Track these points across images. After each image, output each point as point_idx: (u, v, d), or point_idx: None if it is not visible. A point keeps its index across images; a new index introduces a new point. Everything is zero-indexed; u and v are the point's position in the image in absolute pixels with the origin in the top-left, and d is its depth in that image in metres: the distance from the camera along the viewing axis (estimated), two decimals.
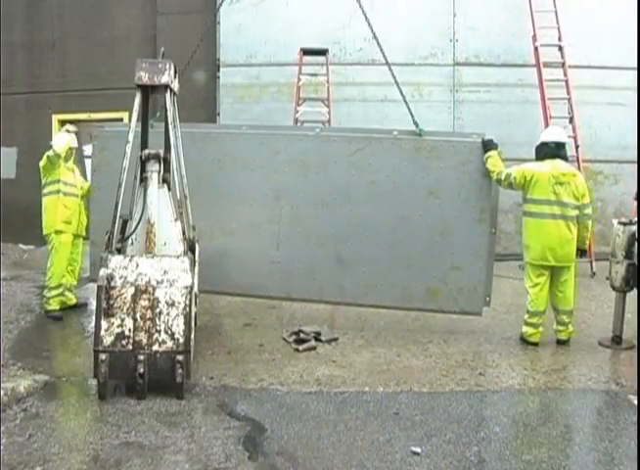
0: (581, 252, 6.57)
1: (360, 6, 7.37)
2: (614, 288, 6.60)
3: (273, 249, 7.12)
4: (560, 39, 10.80)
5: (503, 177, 6.44)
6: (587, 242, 6.57)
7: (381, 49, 7.24)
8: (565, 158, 6.47)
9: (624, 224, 6.50)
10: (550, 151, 6.43)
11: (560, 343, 6.55)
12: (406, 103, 7.18)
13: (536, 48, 10.71)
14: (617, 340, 6.52)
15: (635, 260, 6.45)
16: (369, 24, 7.25)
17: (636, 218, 6.68)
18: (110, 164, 6.88)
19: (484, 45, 11.31)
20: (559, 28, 10.80)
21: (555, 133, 6.61)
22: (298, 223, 7.09)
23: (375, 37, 7.25)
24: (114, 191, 6.02)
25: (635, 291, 6.54)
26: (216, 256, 7.05)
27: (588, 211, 6.40)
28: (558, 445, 4.38)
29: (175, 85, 6.05)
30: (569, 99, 10.54)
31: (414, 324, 7.27)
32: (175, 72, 5.96)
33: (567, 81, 10.63)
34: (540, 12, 10.88)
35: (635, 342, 6.56)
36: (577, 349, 6.43)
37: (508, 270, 9.20)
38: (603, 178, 9.69)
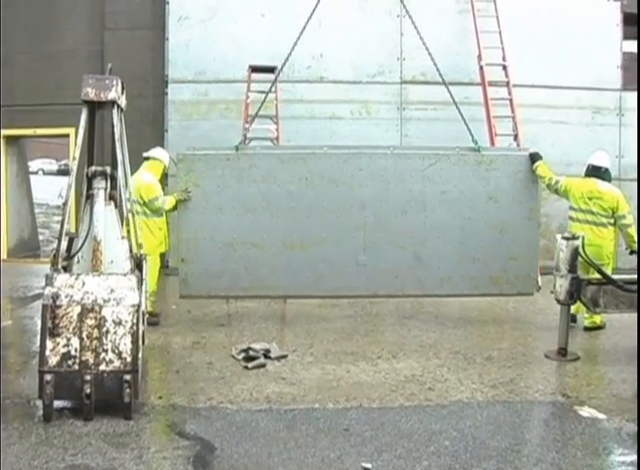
0: (631, 251, 7.64)
1: (415, 27, 8.72)
2: (558, 301, 6.73)
3: (360, 253, 7.98)
4: (504, 59, 11.05)
5: (553, 183, 7.82)
6: (634, 244, 7.53)
7: (436, 67, 8.65)
8: (602, 177, 7.66)
9: (568, 239, 6.65)
10: (588, 171, 7.75)
11: (586, 329, 7.66)
12: (465, 122, 8.37)
13: (481, 67, 10.93)
14: (562, 352, 6.64)
15: (578, 274, 6.62)
16: (423, 43, 8.66)
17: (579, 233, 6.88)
18: (198, 186, 7.74)
19: (431, 64, 11.45)
20: (503, 48, 11.05)
21: (594, 157, 7.84)
22: (381, 230, 7.98)
23: (429, 54, 8.65)
24: (202, 211, 7.71)
25: (579, 303, 6.71)
26: (308, 263, 7.92)
27: (623, 221, 7.50)
28: (507, 457, 4.43)
29: (122, 101, 6.00)
30: (513, 117, 10.76)
31: (363, 340, 7.30)
32: (122, 89, 5.92)
33: (511, 100, 10.87)
34: (485, 32, 11.13)
35: (580, 354, 6.72)
36: (524, 361, 6.54)
37: None
38: (547, 194, 9.84)
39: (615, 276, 6.81)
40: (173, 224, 8.29)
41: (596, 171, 7.70)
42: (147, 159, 8.17)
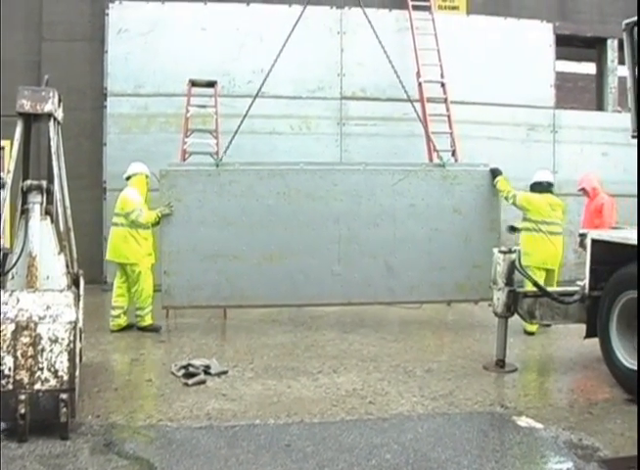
0: None
1: (388, 58, 9.32)
2: (496, 314, 6.84)
3: (335, 263, 8.46)
4: (442, 76, 11.25)
5: (510, 196, 8.40)
6: None
7: (403, 87, 9.30)
8: (552, 192, 8.48)
9: (504, 253, 6.78)
10: (544, 187, 8.43)
11: (526, 333, 8.17)
12: (430, 138, 9.38)
13: (420, 84, 11.11)
14: (500, 364, 6.75)
15: (515, 287, 6.76)
16: (392, 66, 9.25)
17: (516, 247, 7.06)
18: (180, 201, 8.18)
19: (371, 80, 11.62)
20: (441, 66, 11.26)
21: (546, 175, 8.59)
22: (355, 241, 8.50)
23: (397, 76, 9.32)
24: (184, 225, 8.15)
25: (516, 316, 6.84)
26: (286, 273, 8.35)
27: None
28: (447, 468, 4.48)
29: (59, 114, 5.90)
30: (451, 133, 10.95)
31: (304, 355, 7.29)
32: (59, 101, 5.82)
33: (449, 116, 11.06)
34: (423, 50, 11.32)
35: (517, 365, 6.85)
36: (464, 374, 6.62)
37: None
38: None
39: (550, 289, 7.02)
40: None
41: (549, 187, 8.48)
42: (128, 178, 8.37)
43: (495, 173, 8.66)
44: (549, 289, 7.06)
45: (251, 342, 7.80)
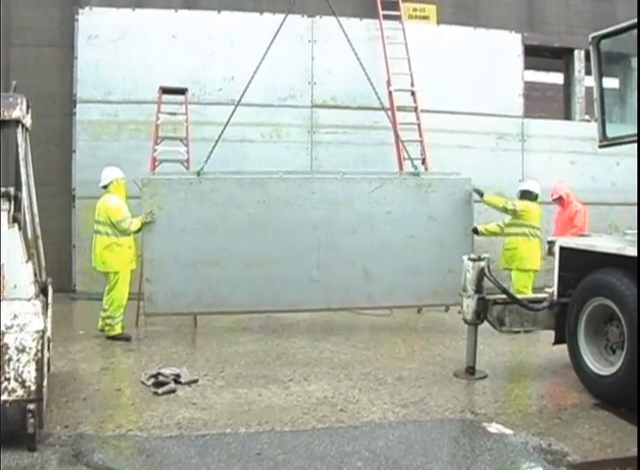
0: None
1: (361, 66, 9.32)
2: (466, 321, 6.89)
3: (314, 270, 8.60)
4: (412, 85, 11.34)
5: (510, 205, 8.99)
6: None
7: (376, 94, 9.33)
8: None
9: (474, 260, 6.83)
10: (534, 197, 9.13)
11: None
12: (404, 146, 9.82)
13: (390, 92, 11.18)
14: (470, 371, 6.79)
15: (485, 294, 6.81)
16: (368, 79, 9.28)
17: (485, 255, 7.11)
18: (162, 209, 8.28)
19: (341, 88, 11.67)
20: (411, 75, 11.35)
21: (536, 186, 9.23)
22: (333, 248, 8.65)
23: (371, 84, 9.31)
24: (166, 233, 8.26)
25: (486, 323, 6.88)
26: (266, 280, 8.45)
27: None
28: None
29: (28, 121, 5.83)
30: (421, 141, 11.04)
31: (275, 363, 7.27)
32: (28, 107, 5.76)
33: (419, 125, 11.15)
34: (394, 59, 11.40)
35: (487, 372, 6.89)
36: (434, 381, 6.64)
37: None
38: None
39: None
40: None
41: (537, 197, 9.16)
42: (105, 186, 8.33)
43: (480, 191, 9.07)
44: (518, 296, 7.13)
45: (221, 350, 7.76)
